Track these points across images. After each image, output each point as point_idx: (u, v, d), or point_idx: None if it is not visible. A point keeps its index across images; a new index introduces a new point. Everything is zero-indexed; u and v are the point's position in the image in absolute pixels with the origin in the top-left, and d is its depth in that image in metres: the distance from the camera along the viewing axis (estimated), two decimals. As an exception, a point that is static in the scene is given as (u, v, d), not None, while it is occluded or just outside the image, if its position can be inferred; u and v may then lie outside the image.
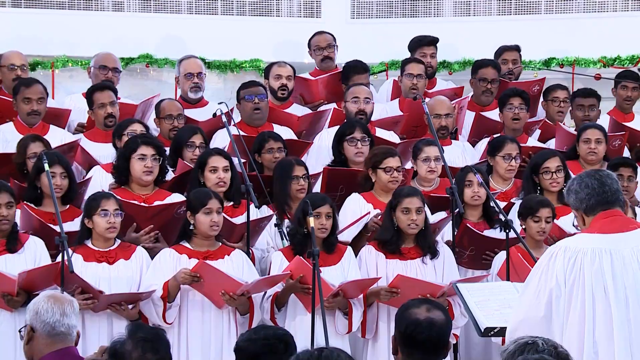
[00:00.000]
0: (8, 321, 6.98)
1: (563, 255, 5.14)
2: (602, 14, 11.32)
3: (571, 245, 5.19)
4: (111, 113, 8.65)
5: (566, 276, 5.10)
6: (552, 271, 5.12)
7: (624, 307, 5.06)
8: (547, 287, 5.11)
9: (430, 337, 4.59)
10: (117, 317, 7.11)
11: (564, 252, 5.16)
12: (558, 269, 5.11)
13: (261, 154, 8.25)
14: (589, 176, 5.31)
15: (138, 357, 4.44)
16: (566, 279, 5.10)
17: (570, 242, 5.25)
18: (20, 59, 9.24)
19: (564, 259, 5.13)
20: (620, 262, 5.11)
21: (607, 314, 5.06)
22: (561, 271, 5.11)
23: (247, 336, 4.64)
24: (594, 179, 5.27)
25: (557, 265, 5.12)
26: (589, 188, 5.26)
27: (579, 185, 5.30)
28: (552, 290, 5.10)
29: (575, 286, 5.08)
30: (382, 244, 7.47)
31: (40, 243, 7.24)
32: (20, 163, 7.94)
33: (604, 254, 5.12)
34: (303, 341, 6.40)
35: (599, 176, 5.29)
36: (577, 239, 5.26)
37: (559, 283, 5.09)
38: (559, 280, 5.09)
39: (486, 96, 9.67)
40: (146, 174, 7.68)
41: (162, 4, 11.34)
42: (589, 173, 5.35)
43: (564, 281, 5.09)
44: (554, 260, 5.15)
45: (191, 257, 7.20)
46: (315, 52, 10.12)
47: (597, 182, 5.26)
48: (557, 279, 5.09)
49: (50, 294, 5.16)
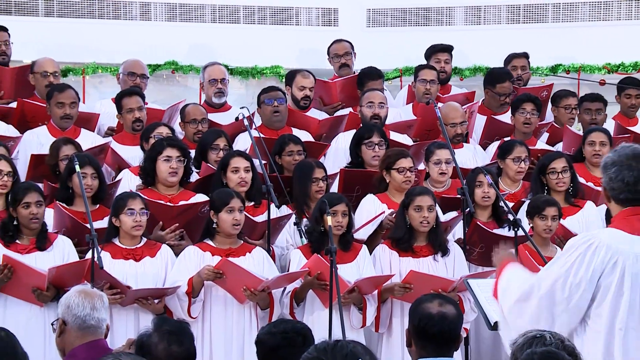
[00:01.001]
0: (37, 315, 6.99)
1: (605, 252, 4.80)
2: (606, 23, 11.30)
3: (610, 242, 4.82)
4: (139, 117, 8.67)
5: (602, 274, 4.80)
6: (589, 263, 4.79)
7: None
8: (575, 279, 4.80)
9: (442, 330, 4.59)
10: (144, 311, 7.12)
11: (605, 248, 4.81)
12: (597, 264, 4.80)
13: (281, 156, 8.26)
14: (629, 167, 4.88)
15: (163, 350, 4.44)
16: (602, 277, 4.80)
17: (610, 238, 4.85)
18: (53, 66, 9.26)
19: (605, 256, 4.79)
20: None
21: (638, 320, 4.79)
22: (599, 267, 4.80)
23: (267, 330, 4.64)
24: (632, 172, 4.87)
25: (597, 260, 4.80)
26: (623, 182, 4.88)
27: (616, 173, 4.90)
28: (582, 281, 4.79)
29: (613, 288, 4.79)
30: (395, 242, 7.46)
31: (68, 242, 7.25)
32: (53, 165, 7.96)
33: None
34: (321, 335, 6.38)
35: (637, 171, 4.86)
36: (616, 238, 4.86)
37: (592, 277, 4.78)
38: (594, 276, 4.78)
39: (502, 108, 9.66)
40: (171, 175, 7.69)
41: (188, 13, 11.36)
42: (629, 160, 4.89)
43: (597, 278, 4.78)
44: (594, 251, 4.80)
45: (214, 255, 7.20)
46: (333, 60, 10.12)
47: (634, 179, 4.87)
48: (594, 273, 4.78)
49: (81, 288, 5.16)
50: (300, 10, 11.53)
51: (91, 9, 11.21)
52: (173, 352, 4.44)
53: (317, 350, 3.35)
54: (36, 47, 10.18)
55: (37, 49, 10.03)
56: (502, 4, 11.48)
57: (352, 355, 3.32)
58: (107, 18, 11.22)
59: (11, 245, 7.11)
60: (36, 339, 6.78)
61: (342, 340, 3.46)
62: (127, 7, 11.29)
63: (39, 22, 11.00)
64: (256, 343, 4.62)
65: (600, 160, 8.47)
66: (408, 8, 11.53)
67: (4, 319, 6.94)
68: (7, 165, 7.48)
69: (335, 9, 11.52)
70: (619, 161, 4.94)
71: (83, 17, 11.17)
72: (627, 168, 4.91)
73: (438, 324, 4.56)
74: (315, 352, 3.34)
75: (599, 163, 8.51)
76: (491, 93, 9.73)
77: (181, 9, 11.35)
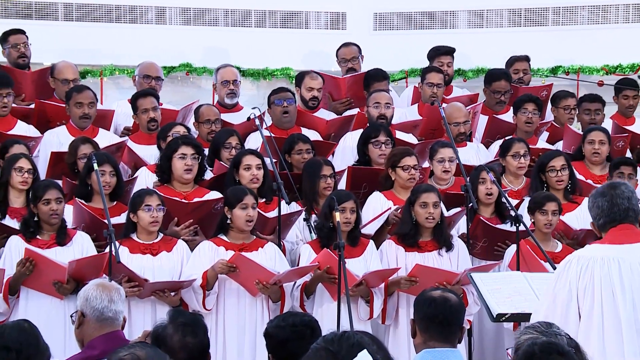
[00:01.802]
0: (58, 308, 7.00)
1: (577, 263, 5.14)
2: (605, 26, 11.28)
3: (584, 254, 5.18)
4: (153, 117, 8.67)
5: (579, 282, 5.09)
6: (566, 278, 5.11)
7: (631, 309, 5.02)
8: (561, 293, 5.11)
9: (445, 314, 4.59)
10: (161, 304, 7.12)
11: (577, 260, 5.15)
12: (572, 275, 5.10)
13: (291, 154, 8.25)
14: (602, 195, 5.25)
15: (178, 341, 4.44)
16: (578, 285, 5.08)
17: (584, 251, 5.24)
18: (73, 73, 9.20)
19: (577, 266, 5.12)
20: (627, 269, 5.07)
21: (616, 316, 5.02)
22: (574, 277, 5.10)
23: (276, 323, 4.62)
24: (604, 200, 5.22)
25: (571, 273, 5.11)
26: (599, 209, 5.23)
27: (593, 203, 5.28)
28: (565, 296, 5.09)
29: (586, 290, 5.06)
30: (401, 238, 7.45)
31: (87, 237, 7.26)
32: (72, 163, 7.97)
33: (612, 262, 5.08)
34: (330, 326, 6.39)
35: (610, 196, 5.22)
36: (590, 249, 5.24)
37: (570, 289, 5.08)
38: (572, 286, 5.08)
39: (499, 106, 9.65)
40: (186, 172, 7.70)
41: (201, 17, 11.37)
42: (602, 191, 5.28)
43: (576, 287, 5.08)
44: (568, 267, 5.14)
45: (228, 249, 7.21)
46: (341, 63, 10.10)
47: (608, 204, 5.21)
48: (570, 285, 5.08)
49: (99, 282, 5.16)
50: (309, 15, 11.52)
51: (109, 13, 11.21)
52: (187, 343, 4.43)
53: (324, 341, 3.35)
54: (56, 49, 10.18)
55: (56, 52, 10.04)
56: (503, 8, 11.46)
57: (358, 345, 3.32)
58: (124, 22, 11.22)
59: (32, 240, 7.12)
60: (57, 330, 6.80)
61: (349, 331, 3.46)
62: (143, 11, 11.29)
63: (58, 26, 11.00)
64: (265, 336, 4.61)
65: (599, 158, 8.56)
66: (413, 12, 11.52)
67: (26, 311, 6.96)
68: (27, 163, 7.50)
69: (343, 13, 11.50)
70: (595, 193, 5.31)
71: (101, 21, 11.17)
72: (600, 196, 5.24)
73: (440, 306, 4.59)
74: (323, 342, 3.34)
75: (598, 161, 8.62)
76: (488, 92, 9.73)
77: (195, 13, 11.36)
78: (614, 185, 5.31)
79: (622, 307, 5.00)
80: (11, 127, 8.50)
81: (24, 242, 7.10)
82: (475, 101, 9.73)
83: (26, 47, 9.51)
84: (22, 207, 7.47)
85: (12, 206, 7.52)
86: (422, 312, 4.66)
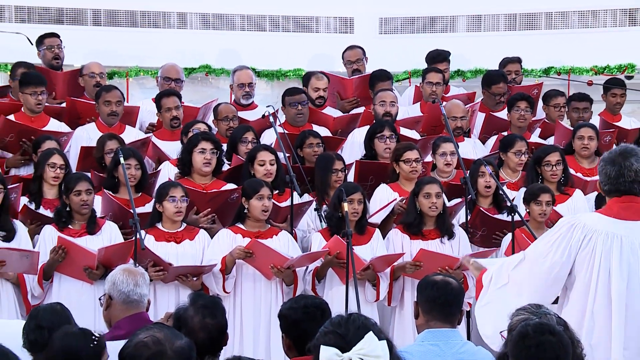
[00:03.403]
0: (88, 292, 7.00)
1: (581, 231, 4.90)
2: (594, 29, 11.24)
3: (589, 223, 4.92)
4: (176, 116, 8.66)
5: (579, 250, 4.89)
6: (569, 241, 4.89)
7: (624, 288, 4.85)
8: (559, 250, 4.90)
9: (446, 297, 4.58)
10: (183, 288, 7.12)
11: (582, 227, 4.90)
12: (574, 242, 4.89)
13: (303, 149, 8.24)
14: (612, 164, 4.95)
15: (198, 322, 4.43)
16: (578, 252, 4.89)
17: (589, 220, 4.97)
18: (99, 68, 9.27)
19: (581, 234, 4.89)
20: (628, 248, 4.89)
21: (608, 294, 4.86)
22: (576, 245, 4.89)
23: (289, 305, 4.61)
24: (613, 169, 4.94)
25: (574, 238, 4.89)
26: (607, 176, 4.95)
27: (602, 168, 4.99)
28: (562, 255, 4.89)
29: (584, 262, 4.89)
30: (406, 227, 7.44)
31: (115, 227, 7.26)
32: (99, 157, 7.97)
33: (615, 239, 4.88)
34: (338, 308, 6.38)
35: (619, 166, 4.93)
36: (595, 219, 4.98)
37: (570, 253, 4.87)
38: (571, 251, 4.87)
39: (499, 105, 9.62)
40: (205, 165, 7.69)
41: (220, 22, 11.36)
42: (613, 159, 4.95)
43: (575, 253, 4.88)
44: (572, 231, 4.90)
45: (245, 237, 7.20)
46: (347, 65, 10.07)
47: (615, 173, 4.94)
48: (570, 249, 4.88)
49: (125, 267, 5.16)
50: (319, 19, 11.50)
51: (134, 18, 11.21)
52: (207, 324, 4.43)
53: (332, 324, 3.33)
54: (85, 52, 10.18)
55: (85, 55, 10.04)
56: (500, 13, 11.43)
57: (364, 327, 3.30)
58: (148, 27, 11.22)
59: (64, 229, 7.12)
60: (87, 312, 6.79)
61: (354, 313, 3.45)
62: (165, 16, 11.29)
63: (87, 31, 11.00)
64: (279, 317, 4.60)
65: (588, 152, 8.54)
66: (416, 17, 11.49)
67: (59, 294, 6.97)
68: (60, 159, 7.51)
69: (351, 18, 11.48)
70: (607, 158, 5.00)
71: (127, 26, 11.17)
72: (610, 163, 4.95)
73: (442, 289, 4.58)
74: (330, 325, 3.32)
75: (587, 155, 8.59)
76: (487, 93, 9.69)
77: (214, 18, 11.35)
78: (626, 155, 4.94)
79: (615, 285, 4.85)
80: (45, 124, 8.51)
81: (56, 231, 7.10)
82: (473, 99, 9.71)
83: (60, 49, 9.54)
84: (54, 199, 7.48)
85: (45, 197, 7.53)
86: (424, 294, 4.65)
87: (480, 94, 9.90)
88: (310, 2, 11.42)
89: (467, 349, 4.56)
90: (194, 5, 11.29)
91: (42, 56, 9.56)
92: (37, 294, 7.06)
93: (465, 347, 4.59)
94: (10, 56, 9.84)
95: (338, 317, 3.38)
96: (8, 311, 6.95)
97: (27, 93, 8.45)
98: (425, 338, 4.58)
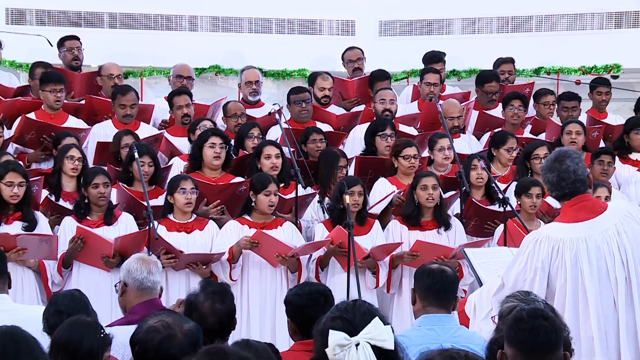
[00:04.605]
0: (105, 279, 7.00)
1: (547, 243, 4.91)
2: (582, 32, 11.23)
3: (552, 234, 4.93)
4: (187, 113, 8.66)
5: (550, 262, 4.90)
6: (538, 255, 4.90)
7: (597, 283, 4.87)
8: (532, 267, 4.91)
9: (442, 284, 4.57)
10: (193, 275, 7.12)
11: (547, 240, 4.92)
12: (544, 255, 4.90)
13: (307, 144, 8.23)
14: (550, 170, 4.94)
15: (209, 307, 4.43)
16: (551, 264, 4.90)
17: (551, 231, 4.98)
18: (117, 69, 9.27)
19: (549, 247, 4.91)
20: (593, 246, 4.90)
21: (583, 291, 4.87)
22: (547, 257, 4.90)
23: (295, 291, 4.60)
24: (553, 174, 4.94)
25: (543, 252, 4.90)
26: (550, 183, 4.97)
27: (544, 178, 5.01)
28: (537, 271, 4.90)
29: (559, 270, 4.89)
30: (405, 218, 7.43)
31: (130, 218, 7.26)
32: (115, 152, 7.97)
33: (580, 243, 4.89)
34: (340, 294, 6.38)
35: (558, 170, 4.93)
36: (556, 229, 4.98)
37: (544, 267, 4.88)
38: (544, 264, 4.88)
39: (491, 103, 9.62)
40: (215, 159, 7.69)
41: (228, 25, 11.35)
42: (550, 166, 4.95)
43: (548, 266, 4.89)
44: (539, 246, 4.91)
45: (251, 227, 7.19)
46: (347, 65, 10.05)
47: (556, 178, 4.94)
48: (543, 263, 4.88)
49: (139, 256, 5.15)
50: (322, 22, 11.49)
51: (147, 21, 11.22)
52: (217, 309, 4.42)
53: (338, 309, 3.32)
54: (102, 54, 10.18)
55: (102, 56, 10.04)
56: (493, 16, 11.41)
57: (370, 312, 3.30)
58: (161, 29, 11.22)
59: (83, 220, 7.13)
60: (104, 298, 6.80)
61: (359, 300, 3.44)
62: (177, 20, 11.28)
63: (104, 33, 11.00)
64: (285, 303, 4.60)
65: (576, 146, 8.54)
66: (414, 20, 11.48)
67: (77, 281, 6.98)
68: (78, 153, 7.52)
69: (352, 20, 11.47)
70: (545, 167, 5.02)
71: (141, 29, 11.17)
72: (549, 171, 4.96)
73: (437, 275, 4.58)
74: (337, 311, 3.31)
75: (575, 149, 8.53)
76: (481, 92, 9.69)
77: (223, 21, 11.34)
78: (560, 159, 4.93)
79: (589, 285, 4.86)
80: (64, 121, 8.51)
81: (75, 222, 7.10)
82: (468, 98, 9.70)
83: (79, 51, 9.55)
84: (73, 191, 7.48)
85: (64, 190, 7.53)
86: (421, 282, 4.64)
87: (475, 92, 9.90)
88: (314, 6, 11.41)
89: (461, 334, 4.56)
90: (205, 9, 11.30)
91: (63, 57, 9.57)
92: (57, 281, 7.07)
93: (460, 331, 4.59)
94: (32, 57, 9.84)
95: (344, 304, 3.37)
96: (30, 297, 6.96)
97: (46, 90, 8.45)
98: (422, 323, 4.58)
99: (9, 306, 4.75)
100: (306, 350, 4.10)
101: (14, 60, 10.55)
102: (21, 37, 10.24)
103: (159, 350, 3.56)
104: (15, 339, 3.16)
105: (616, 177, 8.57)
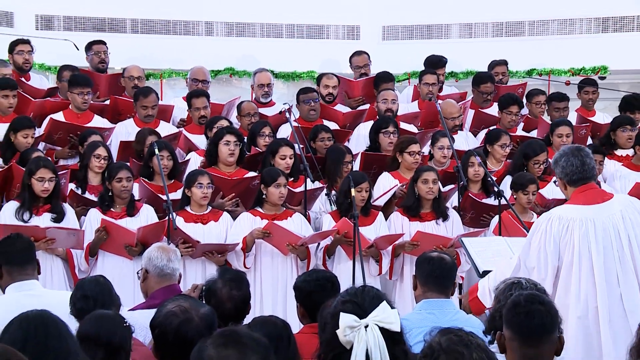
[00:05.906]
0: (128, 267, 7.02)
1: (558, 222, 5.04)
2: (571, 35, 11.21)
3: (563, 214, 5.07)
4: (204, 115, 8.67)
5: (561, 238, 5.02)
6: (550, 233, 5.02)
7: (602, 262, 4.99)
8: (546, 247, 5.02)
9: (441, 271, 4.58)
10: (209, 263, 7.13)
11: (558, 219, 5.05)
12: (555, 232, 5.02)
13: (315, 141, 8.23)
14: (574, 155, 5.13)
15: (226, 293, 4.44)
16: (561, 240, 5.02)
17: (562, 211, 5.12)
18: (138, 71, 9.25)
19: (560, 225, 5.03)
20: (600, 227, 5.03)
21: (590, 268, 4.99)
22: (557, 234, 5.02)
23: (303, 278, 4.62)
24: (577, 159, 5.11)
25: (554, 229, 5.02)
26: (574, 166, 5.10)
27: (566, 162, 5.13)
28: (551, 249, 5.01)
29: (567, 246, 5.00)
30: (406, 210, 7.43)
31: (151, 209, 7.27)
32: (139, 150, 7.98)
33: (589, 222, 5.03)
34: (346, 281, 6.39)
35: (580, 156, 5.12)
36: (567, 210, 5.12)
37: (556, 243, 5.01)
38: (556, 241, 5.01)
39: (486, 103, 9.60)
40: (230, 155, 7.69)
41: (242, 30, 11.36)
42: (573, 152, 5.16)
43: (559, 241, 5.01)
44: (551, 225, 5.04)
45: (263, 219, 7.20)
46: (355, 69, 10.03)
47: (579, 162, 5.10)
48: (554, 239, 5.01)
49: (159, 245, 5.17)
50: (330, 27, 11.49)
51: (167, 26, 11.23)
52: (234, 295, 4.44)
53: (349, 294, 3.32)
54: (124, 57, 10.18)
55: (125, 59, 10.04)
56: (488, 21, 11.40)
57: (378, 297, 3.30)
58: (180, 34, 11.24)
59: (107, 212, 7.15)
60: (127, 284, 6.81)
61: (367, 285, 3.45)
62: (195, 25, 11.30)
63: (126, 38, 11.01)
64: (294, 288, 4.61)
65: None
66: (415, 25, 11.48)
67: (102, 268, 6.98)
68: (104, 151, 7.53)
69: (357, 26, 11.47)
70: (565, 153, 5.16)
71: (161, 33, 11.19)
72: (572, 156, 5.13)
73: (437, 264, 4.60)
74: (347, 295, 3.31)
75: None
76: (477, 92, 9.67)
77: (237, 26, 11.35)
78: (580, 147, 5.22)
79: (595, 260, 4.97)
80: (89, 120, 8.52)
81: (100, 214, 7.12)
82: (465, 98, 9.69)
83: (106, 55, 9.55)
84: (98, 185, 7.49)
85: (90, 184, 7.54)
86: (422, 269, 4.65)
87: (471, 92, 9.88)
88: (322, 12, 11.40)
89: (459, 317, 4.57)
90: (220, 15, 11.30)
91: (90, 60, 9.57)
92: (84, 268, 7.09)
93: (458, 315, 4.60)
94: (59, 60, 9.85)
95: (354, 289, 3.38)
96: (58, 283, 6.98)
97: (74, 93, 8.46)
98: (422, 307, 4.59)
99: (38, 291, 4.76)
100: (314, 333, 4.11)
101: (43, 63, 10.59)
102: (50, 41, 10.27)
103: (178, 332, 3.57)
104: (45, 322, 3.17)
105: (602, 172, 8.55)
